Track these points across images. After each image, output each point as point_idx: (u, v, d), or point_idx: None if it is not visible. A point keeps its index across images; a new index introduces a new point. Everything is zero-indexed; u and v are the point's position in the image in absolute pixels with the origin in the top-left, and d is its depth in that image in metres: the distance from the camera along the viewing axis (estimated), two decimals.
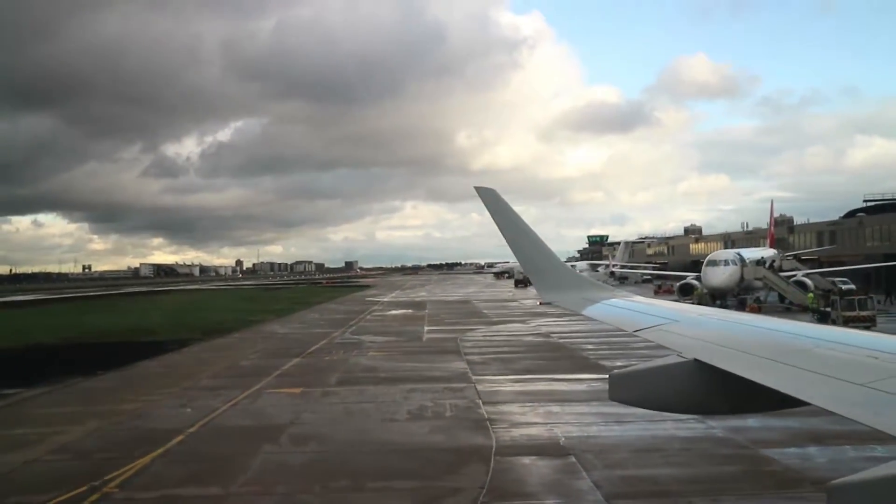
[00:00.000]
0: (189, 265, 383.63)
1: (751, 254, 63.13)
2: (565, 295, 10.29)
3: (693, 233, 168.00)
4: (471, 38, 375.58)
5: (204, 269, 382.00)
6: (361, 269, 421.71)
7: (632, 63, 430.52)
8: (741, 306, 57.40)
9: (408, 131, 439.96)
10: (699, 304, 48.79)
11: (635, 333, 7.50)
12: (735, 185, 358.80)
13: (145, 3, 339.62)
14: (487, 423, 20.58)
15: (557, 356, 34.65)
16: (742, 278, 56.62)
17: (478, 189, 10.35)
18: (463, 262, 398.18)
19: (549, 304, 12.00)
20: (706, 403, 5.83)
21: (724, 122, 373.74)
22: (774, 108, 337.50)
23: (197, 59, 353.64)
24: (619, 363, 31.42)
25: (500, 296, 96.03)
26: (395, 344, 41.71)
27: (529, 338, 43.39)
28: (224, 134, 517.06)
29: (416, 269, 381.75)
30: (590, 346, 37.42)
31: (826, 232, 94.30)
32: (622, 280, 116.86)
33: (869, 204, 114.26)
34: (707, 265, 58.06)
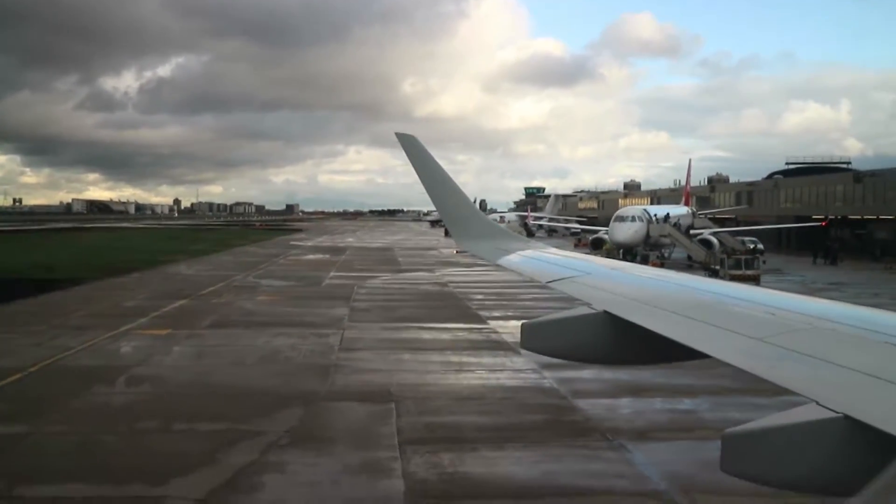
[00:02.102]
0: (124, 202, 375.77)
1: (661, 211, 64.26)
2: (481, 244, 10.32)
3: (631, 188, 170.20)
4: None
5: (140, 207, 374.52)
6: (303, 212, 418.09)
7: (578, 17, 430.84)
8: (663, 259, 58.95)
9: (353, 76, 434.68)
10: (608, 258, 49.76)
11: (547, 284, 7.54)
12: (674, 142, 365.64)
13: None
14: (332, 368, 20.91)
15: (442, 305, 35.10)
16: (648, 235, 57.65)
17: (398, 135, 10.23)
18: (405, 209, 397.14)
19: (464, 252, 12.00)
20: (615, 354, 5.89)
21: (665, 80, 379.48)
22: (714, 69, 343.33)
23: None
24: (496, 314, 32.19)
25: (424, 244, 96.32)
26: (291, 289, 41.71)
27: (426, 286, 43.82)
28: (164, 69, 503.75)
29: (357, 215, 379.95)
30: (479, 297, 38.00)
31: (744, 192, 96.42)
32: (551, 232, 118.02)
33: (790, 167, 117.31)
34: (614, 221, 58.93)
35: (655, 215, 60.21)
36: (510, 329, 27.84)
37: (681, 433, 15.42)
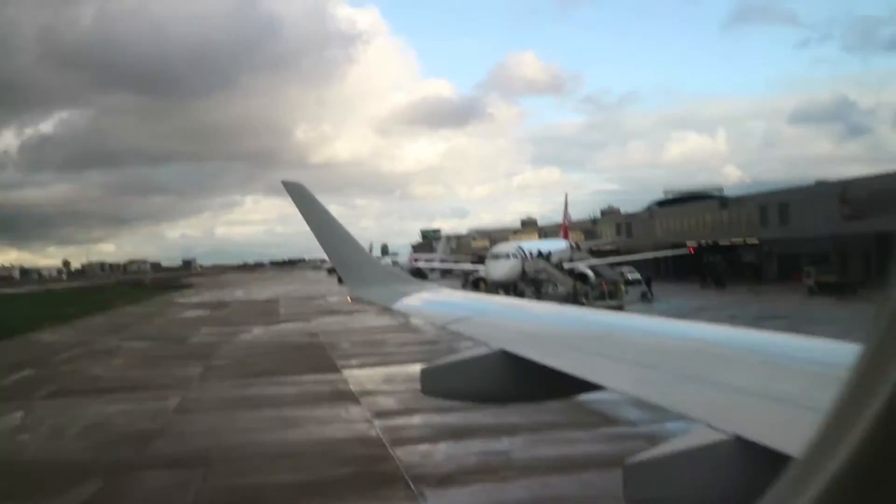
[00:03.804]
0: (8, 267, 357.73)
1: (537, 246, 65.52)
2: (374, 290, 10.08)
3: (528, 224, 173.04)
4: (306, 31, 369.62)
5: (25, 271, 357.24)
6: (201, 267, 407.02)
7: (465, 59, 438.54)
8: (537, 296, 59.70)
9: (244, 125, 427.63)
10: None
11: (445, 327, 7.35)
12: (566, 177, 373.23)
13: None
14: (156, 434, 20.15)
15: (302, 357, 34.43)
16: (524, 271, 58.62)
17: (285, 184, 9.99)
18: (306, 258, 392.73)
19: (358, 299, 11.56)
20: (515, 392, 5.78)
21: (552, 117, 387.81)
22: (597, 105, 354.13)
23: (10, 47, 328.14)
24: (354, 362, 31.87)
25: (314, 293, 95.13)
26: (151, 350, 40.32)
27: (296, 338, 43.11)
28: (46, 125, 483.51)
29: (256, 267, 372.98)
30: (346, 345, 37.68)
31: (623, 224, 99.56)
32: (445, 273, 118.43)
33: (668, 197, 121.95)
34: (489, 259, 59.74)
35: (530, 251, 61.30)
36: (360, 378, 27.70)
37: (485, 475, 15.40)
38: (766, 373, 4.11)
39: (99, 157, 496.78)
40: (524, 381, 5.56)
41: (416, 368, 22.10)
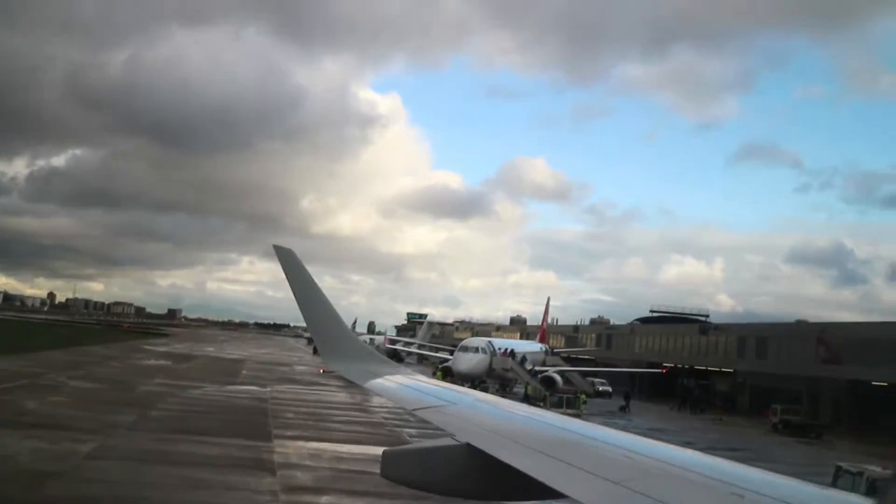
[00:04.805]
0: None
1: (509, 344, 65.07)
2: (349, 365, 9.84)
3: (518, 323, 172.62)
4: (327, 107, 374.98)
5: (8, 297, 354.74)
6: (185, 318, 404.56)
7: (477, 155, 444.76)
8: (502, 391, 58.81)
9: (252, 186, 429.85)
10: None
11: (413, 412, 7.23)
12: (561, 283, 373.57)
13: None
14: (55, 476, 19.33)
15: (242, 420, 33.66)
16: (491, 367, 58.03)
17: (276, 248, 9.76)
18: (291, 325, 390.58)
19: (331, 372, 11.17)
20: (477, 488, 5.60)
21: (555, 223, 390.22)
22: (600, 217, 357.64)
23: (39, 80, 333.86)
24: (290, 433, 31.05)
25: (285, 359, 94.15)
26: (93, 391, 39.43)
27: (244, 400, 42.29)
28: (58, 160, 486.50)
29: (239, 326, 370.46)
30: (290, 415, 36.86)
31: (604, 335, 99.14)
32: (422, 359, 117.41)
33: (654, 314, 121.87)
34: (458, 350, 59.25)
35: (501, 349, 60.75)
36: (290, 449, 26.90)
37: None
38: (729, 501, 4.09)
39: (103, 197, 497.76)
40: (489, 479, 5.44)
41: (350, 448, 21.69)
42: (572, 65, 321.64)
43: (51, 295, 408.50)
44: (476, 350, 58.56)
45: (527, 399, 50.85)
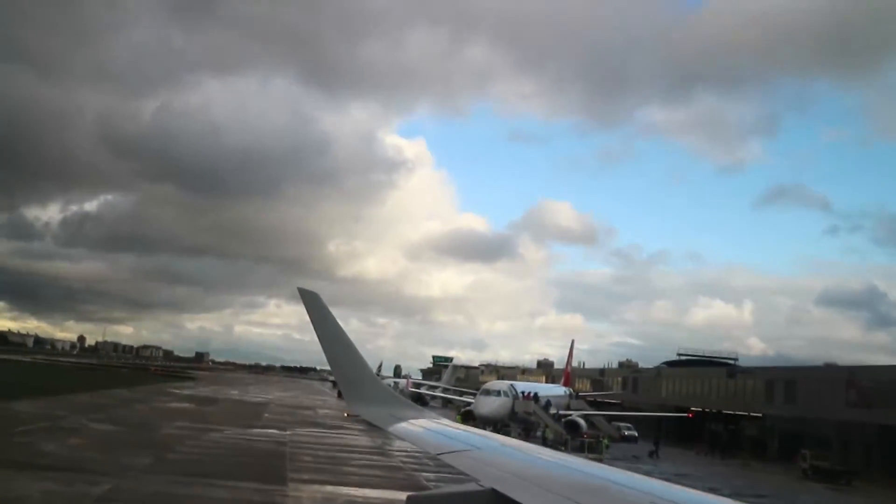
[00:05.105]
0: (24, 335, 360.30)
1: (532, 387, 64.49)
2: (373, 410, 9.92)
3: (545, 366, 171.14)
4: (354, 153, 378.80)
5: (39, 341, 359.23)
6: (213, 361, 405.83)
7: (502, 198, 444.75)
8: (525, 435, 58.13)
9: (279, 231, 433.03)
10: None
11: (438, 457, 7.24)
12: (589, 325, 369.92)
13: (27, 66, 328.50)
14: None
15: (257, 464, 33.49)
16: (513, 410, 57.47)
17: (301, 291, 9.87)
18: (318, 368, 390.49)
19: (356, 416, 11.26)
20: None
21: (581, 266, 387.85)
22: (626, 260, 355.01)
23: (72, 128, 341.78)
24: (306, 477, 30.83)
25: (311, 403, 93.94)
26: (113, 434, 39.66)
27: (263, 444, 42.07)
28: (91, 205, 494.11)
29: (266, 370, 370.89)
30: (308, 458, 36.62)
31: (630, 378, 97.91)
32: (447, 403, 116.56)
33: (681, 357, 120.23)
34: (480, 393, 58.81)
35: (524, 392, 60.21)
36: (306, 493, 26.66)
37: None
38: None
39: (134, 242, 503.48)
40: None
41: (366, 492, 21.49)
42: (595, 109, 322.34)
43: (81, 338, 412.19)
44: (498, 393, 58.09)
45: (544, 443, 50.21)
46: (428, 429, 9.04)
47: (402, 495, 6.31)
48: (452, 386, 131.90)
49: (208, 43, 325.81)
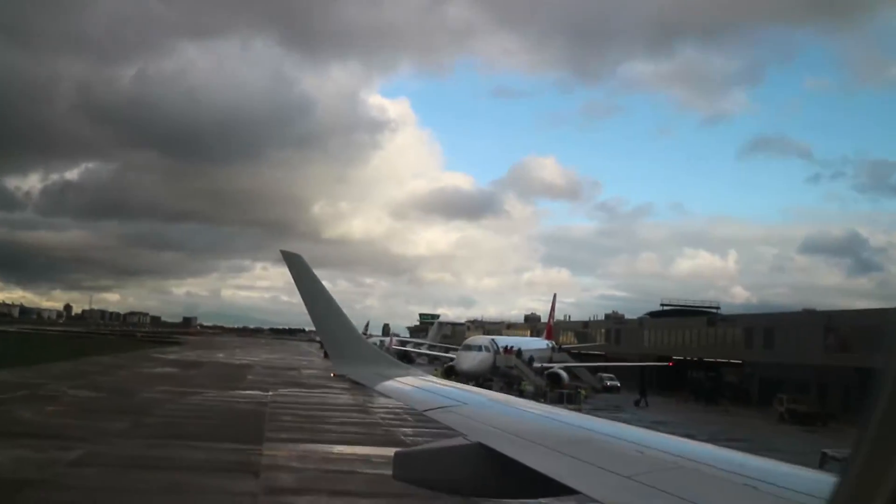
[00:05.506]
0: (9, 305, 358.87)
1: (514, 341, 64.90)
2: (359, 369, 9.91)
3: (532, 321, 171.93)
4: (336, 114, 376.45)
5: (25, 311, 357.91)
6: (201, 325, 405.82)
7: (487, 155, 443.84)
8: (508, 388, 58.55)
9: (263, 194, 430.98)
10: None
11: (424, 413, 7.23)
12: (575, 279, 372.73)
13: (3, 35, 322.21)
14: (30, 484, 19.38)
15: (237, 424, 33.62)
16: (495, 364, 57.81)
17: (284, 253, 9.89)
18: (306, 329, 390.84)
19: (342, 376, 11.19)
20: (489, 486, 5.74)
21: (566, 220, 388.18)
22: (611, 213, 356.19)
23: (50, 97, 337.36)
24: (284, 436, 31.00)
25: (296, 363, 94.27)
26: (92, 400, 39.69)
27: (244, 405, 42.28)
28: (71, 174, 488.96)
29: (255, 332, 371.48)
30: (288, 418, 36.77)
31: (613, 330, 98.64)
32: (433, 360, 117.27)
33: (665, 308, 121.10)
34: (462, 349, 59.06)
35: (506, 346, 60.51)
36: (280, 452, 26.78)
37: None
38: (743, 494, 4.12)
39: (117, 209, 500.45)
40: (500, 477, 5.46)
41: (342, 448, 21.55)
42: (578, 64, 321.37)
43: (67, 307, 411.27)
44: (479, 348, 58.34)
45: (521, 395, 50.63)
46: (414, 386, 9.11)
47: (382, 451, 6.33)
48: (439, 343, 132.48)
49: (186, 7, 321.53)
